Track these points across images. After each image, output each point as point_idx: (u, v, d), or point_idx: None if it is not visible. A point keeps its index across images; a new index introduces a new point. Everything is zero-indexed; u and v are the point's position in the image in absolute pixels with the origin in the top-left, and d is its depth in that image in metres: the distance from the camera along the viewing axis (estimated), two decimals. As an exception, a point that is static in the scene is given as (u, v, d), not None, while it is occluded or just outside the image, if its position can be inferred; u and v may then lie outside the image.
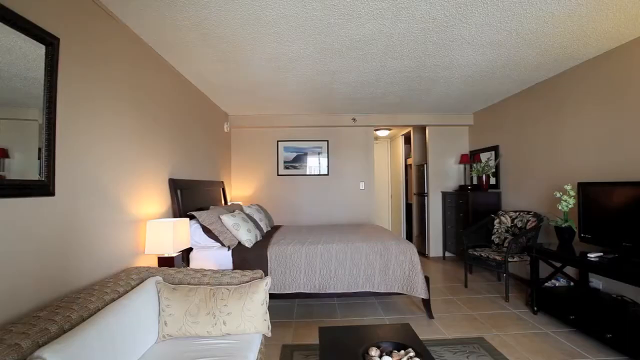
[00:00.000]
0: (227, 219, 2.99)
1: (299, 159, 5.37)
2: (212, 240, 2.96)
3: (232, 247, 2.94)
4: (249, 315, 1.68)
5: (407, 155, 6.67)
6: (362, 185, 5.40)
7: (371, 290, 2.94)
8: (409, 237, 6.60)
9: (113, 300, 1.55)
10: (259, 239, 3.24)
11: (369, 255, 2.97)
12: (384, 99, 4.29)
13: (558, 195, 3.11)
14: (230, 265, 2.89)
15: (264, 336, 1.93)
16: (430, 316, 2.98)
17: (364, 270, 2.94)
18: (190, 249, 2.98)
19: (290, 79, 3.49)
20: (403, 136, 6.44)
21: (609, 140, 2.90)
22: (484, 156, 4.90)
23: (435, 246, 5.43)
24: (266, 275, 2.84)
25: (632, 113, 2.69)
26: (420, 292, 2.90)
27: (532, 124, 3.89)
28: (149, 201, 2.55)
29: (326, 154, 5.38)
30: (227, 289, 1.76)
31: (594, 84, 3.04)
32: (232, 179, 5.30)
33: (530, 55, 2.92)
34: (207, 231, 2.92)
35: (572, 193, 3.01)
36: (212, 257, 2.91)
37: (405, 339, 1.58)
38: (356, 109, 4.89)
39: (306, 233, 3.63)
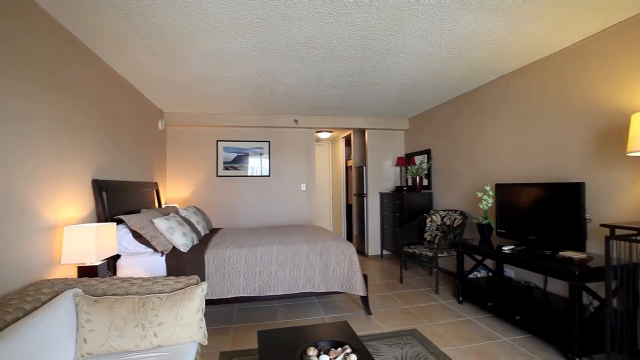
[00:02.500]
0: (161, 223, 2.80)
1: (239, 160, 5.23)
2: (144, 246, 2.75)
3: (166, 252, 2.76)
4: (183, 324, 1.59)
5: (348, 157, 6.88)
6: (303, 187, 5.44)
7: (312, 291, 2.97)
8: (350, 236, 6.81)
9: (17, 319, 1.35)
10: (195, 243, 3.09)
11: (310, 255, 3.00)
12: (325, 101, 4.37)
13: (479, 195, 3.45)
14: (163, 272, 2.71)
15: (200, 345, 1.84)
16: (369, 312, 3.10)
17: (304, 271, 2.96)
18: (117, 256, 2.73)
19: (231, 77, 3.38)
20: (344, 138, 6.62)
21: (519, 147, 3.29)
22: (418, 159, 5.24)
23: (373, 245, 5.67)
24: (203, 280, 2.72)
25: (533, 125, 3.08)
26: (359, 290, 3.00)
27: (459, 130, 4.26)
28: (66, 205, 2.28)
29: (267, 155, 5.32)
30: (159, 298, 1.65)
31: (506, 97, 3.43)
32: (168, 179, 4.98)
33: (457, 67, 3.20)
34: (137, 236, 2.71)
35: (491, 193, 3.36)
36: (143, 264, 2.70)
37: (342, 337, 1.62)
38: (298, 111, 4.92)
39: (246, 235, 3.55)
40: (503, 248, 2.84)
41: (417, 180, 4.97)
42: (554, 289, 2.90)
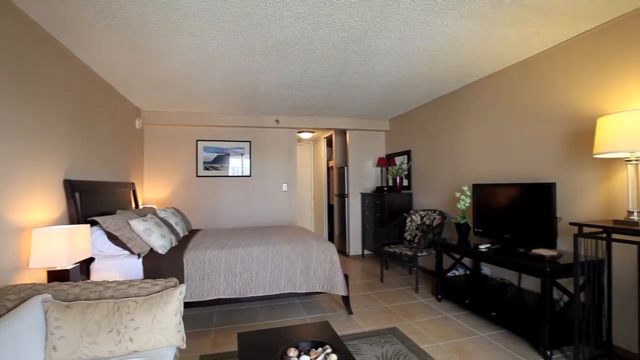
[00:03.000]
0: (137, 224, 2.72)
1: (220, 160, 5.16)
2: (119, 248, 2.67)
3: (143, 254, 2.68)
4: (160, 327, 1.55)
5: (329, 157, 6.90)
6: (284, 187, 5.42)
7: (293, 291, 2.96)
8: (331, 237, 6.83)
9: (-19, 327, 1.29)
10: (174, 245, 3.02)
11: (291, 256, 2.99)
12: (306, 101, 4.37)
13: (457, 195, 3.53)
14: (140, 275, 2.63)
15: (179, 349, 1.80)
16: (350, 312, 3.12)
17: (285, 271, 2.95)
18: (91, 260, 2.64)
19: (211, 76, 3.33)
20: (325, 139, 6.64)
21: (495, 148, 3.39)
22: (398, 159, 5.32)
23: (355, 245, 5.71)
24: (182, 282, 2.66)
25: (508, 127, 3.19)
26: (340, 290, 3.01)
27: (438, 131, 4.35)
28: (36, 206, 2.18)
29: (249, 155, 5.27)
30: (135, 302, 1.60)
31: (483, 100, 3.53)
32: (145, 180, 4.85)
33: (436, 70, 3.27)
34: (112, 238, 2.62)
35: (469, 193, 3.45)
36: (118, 267, 2.61)
37: (323, 337, 1.63)
38: (279, 111, 4.89)
39: (226, 236, 3.50)
40: (480, 247, 2.92)
41: (398, 181, 5.04)
42: (528, 285, 3.00)
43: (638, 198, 2.06)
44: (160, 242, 2.77)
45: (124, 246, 2.63)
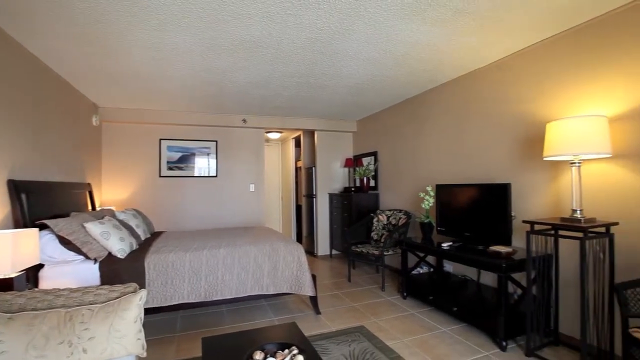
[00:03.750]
0: (94, 227, 2.57)
1: (184, 160, 4.99)
2: (73, 253, 2.50)
3: (100, 259, 2.53)
4: (118, 336, 1.47)
5: (298, 158, 6.89)
6: (252, 188, 5.34)
7: (260, 293, 2.93)
8: (299, 237, 6.82)
9: None
10: (135, 248, 2.88)
11: (258, 257, 2.95)
12: (274, 101, 4.34)
13: (422, 195, 3.65)
14: (97, 281, 2.48)
15: (139, 358, 1.72)
16: (318, 312, 3.13)
17: (252, 273, 2.91)
18: (40, 266, 2.45)
19: (175, 73, 3.21)
20: (294, 139, 6.62)
21: (456, 150, 3.55)
22: (365, 160, 5.41)
23: (323, 245, 5.74)
24: (143, 287, 2.54)
25: (469, 130, 3.35)
26: (308, 291, 3.02)
27: (403, 133, 4.48)
28: (-25, 209, 1.99)
29: (215, 155, 5.14)
30: (90, 310, 1.50)
31: (445, 104, 3.68)
32: (103, 180, 4.58)
33: (401, 74, 3.36)
34: (65, 243, 2.45)
35: (432, 193, 3.58)
36: (71, 274, 2.45)
37: (290, 338, 1.62)
38: (247, 110, 4.82)
39: (191, 238, 3.39)
40: (442, 245, 3.03)
41: (365, 181, 5.13)
42: (486, 280, 3.17)
43: (580, 197, 2.24)
44: (119, 246, 2.63)
45: (78, 251, 2.47)
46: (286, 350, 1.42)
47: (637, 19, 2.08)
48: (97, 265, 2.51)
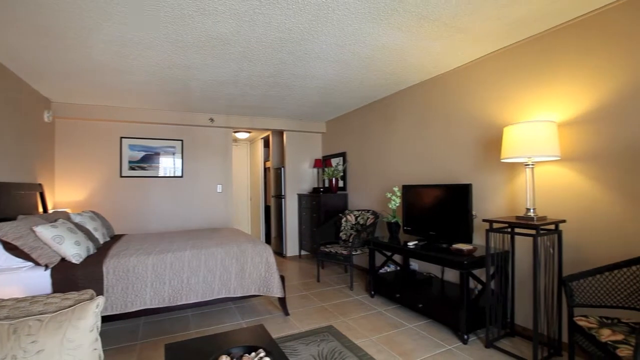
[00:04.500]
0: (45, 231, 2.39)
1: (148, 159, 4.78)
2: (20, 260, 2.33)
3: (52, 265, 2.37)
4: (71, 347, 1.38)
5: (266, 158, 6.82)
6: (219, 188, 5.22)
7: (228, 296, 2.87)
8: (268, 238, 6.76)
9: None
10: (92, 252, 2.73)
11: (225, 260, 2.89)
12: (243, 101, 4.27)
13: (389, 195, 3.74)
14: (48, 289, 2.32)
15: (95, 368, 1.62)
16: (286, 313, 3.12)
17: (219, 276, 2.84)
18: (-18, 274, 2.25)
19: (138, 68, 3.07)
20: (263, 139, 6.55)
21: (422, 152, 3.67)
22: (334, 161, 5.46)
23: (292, 246, 5.72)
24: (101, 294, 2.41)
25: (433, 133, 3.48)
26: (277, 292, 2.99)
27: (371, 135, 4.56)
28: None
29: (180, 155, 4.97)
30: (39, 320, 1.40)
31: (411, 107, 3.80)
32: (57, 180, 4.29)
33: (369, 76, 3.42)
34: (11, 248, 2.27)
35: (399, 194, 3.67)
36: (18, 282, 2.26)
37: (257, 341, 1.60)
38: (214, 109, 4.71)
39: (155, 241, 3.26)
40: (408, 244, 3.12)
41: (334, 182, 5.17)
42: (450, 277, 3.30)
43: (533, 197, 2.39)
44: (74, 251, 2.47)
45: (26, 257, 2.29)
46: (253, 354, 1.40)
47: (583, 33, 2.25)
48: (48, 272, 2.34)
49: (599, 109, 2.18)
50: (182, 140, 4.98)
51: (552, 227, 2.31)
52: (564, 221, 2.29)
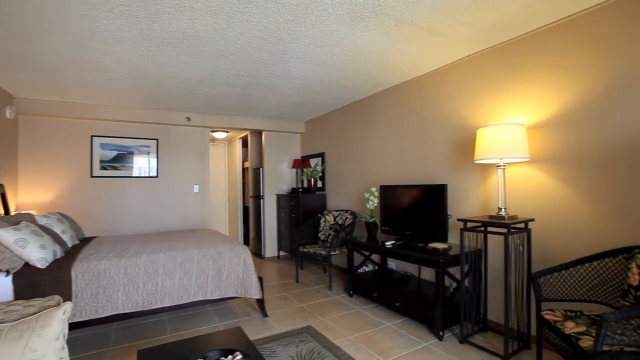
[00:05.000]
0: (6, 234, 2.26)
1: (121, 159, 4.61)
2: (-21, 265, 2.19)
3: (15, 270, 2.24)
4: (34, 357, 1.31)
5: (245, 158, 6.74)
6: (196, 189, 5.11)
7: (205, 298, 2.81)
8: (246, 239, 6.68)
9: None
10: (59, 256, 2.60)
11: (201, 261, 2.83)
12: (220, 100, 4.20)
13: (367, 195, 3.78)
14: (10, 296, 2.19)
15: (62, 377, 1.55)
16: (265, 315, 3.09)
17: (195, 278, 2.78)
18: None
19: (109, 65, 2.96)
20: (241, 139, 6.47)
21: (399, 152, 3.73)
22: (313, 161, 5.46)
23: (270, 246, 5.67)
24: (69, 300, 2.31)
25: (410, 134, 3.55)
26: (255, 293, 2.96)
27: (350, 135, 4.60)
28: None
29: (155, 154, 4.83)
30: None
31: (389, 108, 3.86)
32: (20, 181, 4.07)
33: (348, 77, 3.45)
34: (-31, 253, 2.13)
35: (377, 194, 3.72)
36: (-23, 288, 2.14)
37: (234, 343, 1.58)
38: (191, 108, 4.60)
39: (128, 243, 3.15)
40: (386, 243, 3.17)
41: (312, 182, 5.17)
42: (426, 275, 3.37)
43: (505, 197, 2.48)
44: (40, 255, 2.35)
45: (-13, 262, 2.16)
46: (230, 357, 1.38)
47: (551, 40, 2.36)
48: (9, 278, 2.22)
49: (565, 113, 2.29)
50: (157, 140, 4.84)
51: (522, 225, 2.40)
52: (532, 220, 2.39)
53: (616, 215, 2.05)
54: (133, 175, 4.68)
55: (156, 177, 4.83)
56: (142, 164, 4.75)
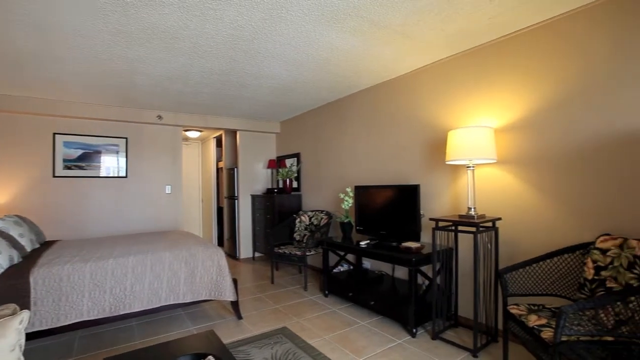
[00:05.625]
0: (-43, 239, 2.11)
1: (87, 158, 4.40)
2: None
3: (-33, 277, 2.09)
4: (-12, 369, 1.22)
5: (219, 158, 6.62)
6: (168, 189, 4.96)
7: (176, 302, 2.73)
8: (221, 241, 6.56)
9: None
10: (17, 262, 2.45)
11: (173, 264, 2.75)
12: (194, 98, 4.10)
13: (342, 196, 3.81)
14: (-39, 304, 2.04)
15: (20, 390, 1.45)
16: (239, 317, 3.04)
17: (167, 281, 2.70)
18: None
19: (73, 59, 2.82)
20: (215, 139, 6.35)
21: (374, 153, 3.79)
22: (288, 162, 5.44)
23: (245, 248, 5.60)
24: (26, 308, 2.17)
25: (385, 135, 3.61)
26: (229, 295, 2.91)
27: (325, 136, 4.62)
28: None
29: (125, 153, 4.64)
30: (-52, 340, 1.22)
31: (364, 109, 3.91)
32: (-28, 181, 3.79)
33: (323, 78, 3.46)
34: None
35: (351, 194, 3.76)
36: None
37: (207, 347, 1.54)
38: (163, 106, 4.46)
39: (94, 247, 3.01)
40: (360, 243, 3.20)
41: (288, 183, 5.15)
42: (400, 274, 3.44)
43: (474, 197, 2.58)
44: (-5, 260, 2.20)
45: None
46: (202, 361, 1.35)
47: (517, 47, 2.48)
48: (-38, 284, 2.06)
49: (529, 117, 2.41)
50: (126, 138, 4.65)
51: (490, 224, 2.50)
52: (500, 219, 2.50)
53: (574, 214, 2.18)
54: (100, 176, 4.48)
55: (125, 177, 4.64)
56: (111, 164, 4.56)
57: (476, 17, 2.24)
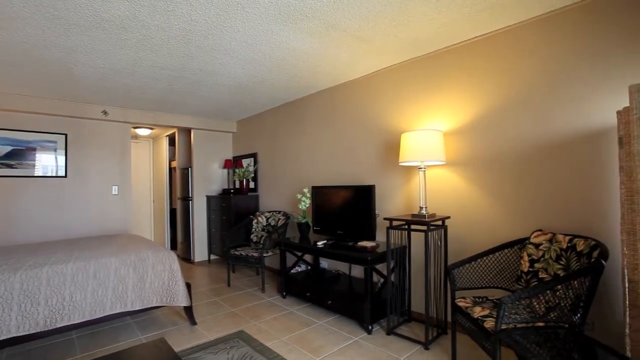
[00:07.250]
0: None
1: (18, 155, 3.97)
2: None
3: None
4: None
5: (172, 157, 6.32)
6: (115, 190, 4.63)
7: (124, 310, 2.56)
8: (174, 244, 6.26)
9: None
10: None
11: (120, 270, 2.58)
12: (143, 93, 3.87)
13: (299, 196, 3.81)
14: None
15: None
16: (193, 322, 2.93)
17: (112, 289, 2.52)
18: None
19: (1, 44, 2.53)
20: (167, 137, 6.05)
21: (331, 154, 3.83)
22: (245, 162, 5.33)
23: (200, 250, 5.40)
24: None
25: (342, 136, 3.67)
26: (182, 301, 2.79)
27: (283, 135, 4.59)
28: None
29: (64, 151, 4.26)
30: None
31: (322, 111, 3.94)
32: None
33: (280, 77, 3.43)
34: None
35: (308, 194, 3.76)
36: None
37: (157, 357, 1.46)
38: (109, 101, 4.16)
39: (26, 254, 2.73)
40: (318, 243, 3.22)
41: (245, 183, 5.05)
42: (356, 273, 3.51)
43: (425, 197, 2.70)
44: None
45: None
46: (150, 372, 1.28)
47: (465, 55, 2.64)
48: None
49: (474, 122, 2.57)
50: (65, 135, 4.27)
51: (440, 223, 2.64)
52: (448, 217, 2.65)
53: (514, 212, 2.37)
54: (35, 175, 4.07)
55: (65, 177, 4.26)
56: (47, 162, 4.16)
57: (426, 25, 2.35)
